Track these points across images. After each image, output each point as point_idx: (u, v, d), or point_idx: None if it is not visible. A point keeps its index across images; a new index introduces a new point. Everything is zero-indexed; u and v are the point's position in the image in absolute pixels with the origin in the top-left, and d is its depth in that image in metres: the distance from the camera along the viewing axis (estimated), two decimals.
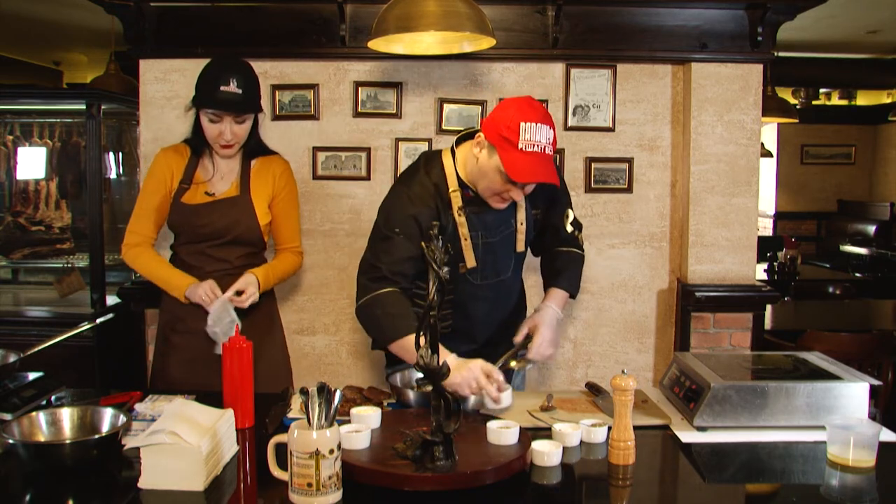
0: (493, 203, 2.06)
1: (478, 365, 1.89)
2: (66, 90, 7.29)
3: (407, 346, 1.94)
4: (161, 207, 2.35)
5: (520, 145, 1.92)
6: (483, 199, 2.07)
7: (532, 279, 2.53)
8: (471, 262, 2.12)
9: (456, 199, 2.09)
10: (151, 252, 2.37)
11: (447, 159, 2.13)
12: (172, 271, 2.32)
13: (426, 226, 2.06)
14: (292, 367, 2.64)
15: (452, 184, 2.10)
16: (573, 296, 2.33)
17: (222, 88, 2.20)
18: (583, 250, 2.36)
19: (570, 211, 2.31)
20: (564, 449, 1.63)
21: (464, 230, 2.10)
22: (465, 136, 2.13)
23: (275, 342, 2.51)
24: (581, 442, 1.72)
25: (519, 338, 2.16)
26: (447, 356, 1.91)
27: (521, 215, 2.18)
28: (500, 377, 1.91)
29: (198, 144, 2.35)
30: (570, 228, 2.29)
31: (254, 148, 2.40)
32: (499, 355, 2.13)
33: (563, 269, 2.30)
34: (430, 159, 2.18)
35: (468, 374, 1.87)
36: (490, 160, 1.98)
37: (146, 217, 2.35)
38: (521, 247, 2.21)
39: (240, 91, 2.21)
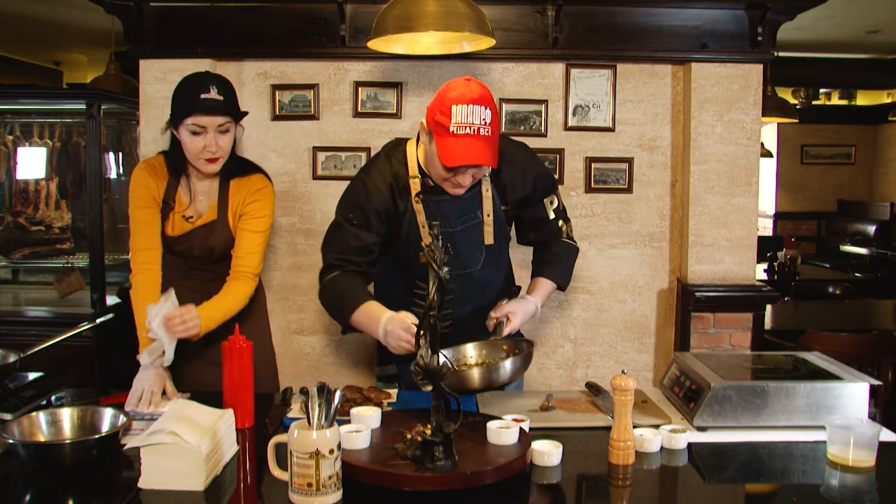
0: (448, 188, 2.06)
1: (398, 324, 1.94)
2: (66, 90, 7.28)
3: (365, 312, 2.03)
4: (151, 218, 2.22)
5: (451, 128, 1.92)
6: (442, 188, 2.07)
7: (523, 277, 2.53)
8: None
9: (415, 186, 2.10)
10: (141, 280, 2.21)
11: (411, 147, 2.15)
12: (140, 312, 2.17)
13: (383, 213, 2.12)
14: (287, 368, 2.59)
15: (413, 170, 2.11)
16: (562, 287, 2.30)
17: (203, 96, 2.09)
18: (575, 242, 2.34)
19: (554, 197, 2.28)
20: (643, 454, 1.63)
21: (421, 217, 2.10)
22: None
23: (259, 340, 2.37)
24: (662, 448, 1.68)
25: (490, 325, 2.17)
26: (384, 314, 1.99)
27: (488, 206, 2.15)
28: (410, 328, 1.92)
29: (178, 165, 2.21)
30: (552, 215, 2.27)
31: (232, 168, 2.26)
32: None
33: (554, 261, 2.28)
34: (395, 147, 2.20)
35: (392, 333, 1.94)
36: (431, 146, 2.00)
37: (142, 232, 2.22)
38: (489, 239, 2.17)
39: (221, 98, 2.12)
